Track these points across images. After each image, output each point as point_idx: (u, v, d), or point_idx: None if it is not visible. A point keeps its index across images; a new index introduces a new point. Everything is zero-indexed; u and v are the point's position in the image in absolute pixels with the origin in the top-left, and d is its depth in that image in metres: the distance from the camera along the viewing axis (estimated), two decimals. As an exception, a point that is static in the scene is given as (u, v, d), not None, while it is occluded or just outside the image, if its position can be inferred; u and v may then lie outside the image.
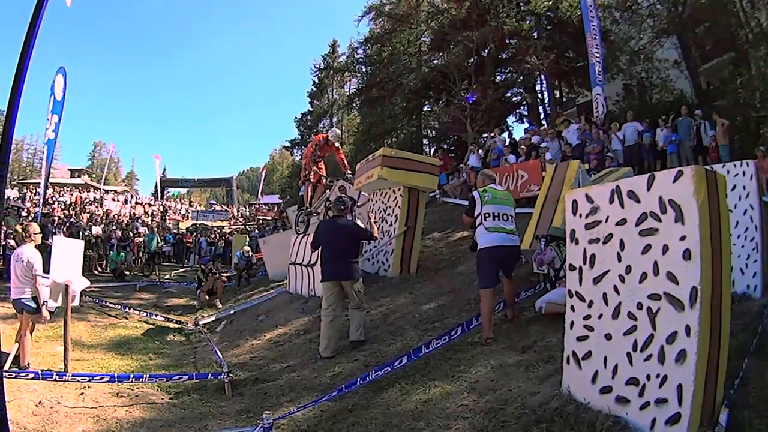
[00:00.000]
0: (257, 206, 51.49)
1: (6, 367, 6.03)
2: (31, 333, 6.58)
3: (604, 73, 15.72)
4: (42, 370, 5.67)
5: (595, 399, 3.77)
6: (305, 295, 9.74)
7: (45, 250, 7.40)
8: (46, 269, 6.86)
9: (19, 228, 6.85)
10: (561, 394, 4.06)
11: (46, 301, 6.59)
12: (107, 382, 5.84)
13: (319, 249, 7.26)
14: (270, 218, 39.96)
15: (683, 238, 3.26)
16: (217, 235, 29.41)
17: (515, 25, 20.33)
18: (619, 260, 3.66)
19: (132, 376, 5.93)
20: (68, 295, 6.96)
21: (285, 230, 24.94)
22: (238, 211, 53.12)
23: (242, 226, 36.95)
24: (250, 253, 15.96)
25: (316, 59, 39.17)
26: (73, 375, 5.67)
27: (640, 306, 3.50)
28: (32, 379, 5.50)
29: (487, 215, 6.05)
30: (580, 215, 4.02)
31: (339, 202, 7.26)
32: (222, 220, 41.79)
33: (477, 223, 6.14)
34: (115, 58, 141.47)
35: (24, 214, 23.17)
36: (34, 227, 6.81)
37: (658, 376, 3.36)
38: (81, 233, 19.90)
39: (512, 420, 4.05)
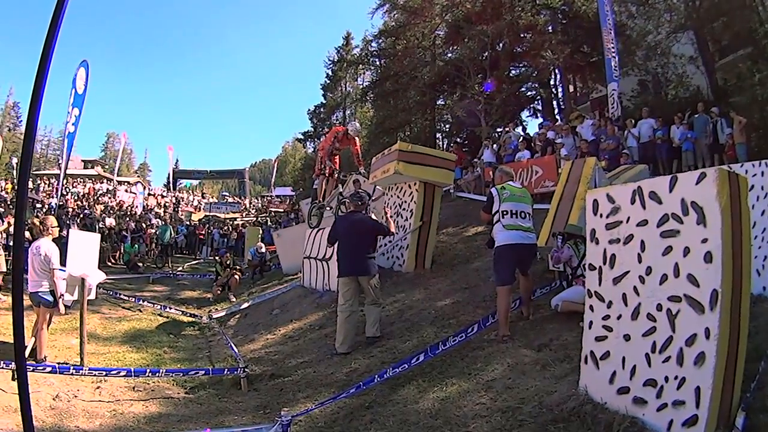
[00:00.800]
0: (270, 198, 51.59)
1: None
2: (47, 326, 6.63)
3: (620, 68, 15.55)
4: (59, 364, 5.74)
5: (613, 399, 3.78)
6: (320, 290, 9.77)
7: (60, 242, 7.45)
8: (62, 262, 6.92)
9: (36, 221, 6.89)
10: (578, 394, 4.06)
11: (63, 295, 6.64)
12: (123, 376, 5.88)
13: (336, 244, 7.25)
14: (282, 210, 40.05)
15: (705, 240, 3.25)
16: (230, 227, 29.47)
17: (530, 19, 20.10)
18: (640, 261, 3.66)
19: (148, 370, 5.96)
20: (84, 288, 7.01)
21: (298, 223, 25.09)
22: (250, 203, 53.24)
23: (255, 218, 37.00)
24: (264, 249, 16.00)
25: (329, 51, 39.14)
26: (89, 369, 5.73)
27: (659, 307, 3.50)
28: (49, 372, 5.57)
29: (504, 212, 6.05)
30: (601, 215, 4.01)
31: (356, 197, 7.27)
32: (234, 212, 41.89)
33: (494, 220, 6.15)
34: (130, 52, 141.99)
35: (38, 206, 23.35)
36: (52, 220, 6.84)
37: (676, 378, 3.37)
38: (95, 225, 20.04)
39: (529, 419, 4.07)
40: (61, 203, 16.60)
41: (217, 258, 13.69)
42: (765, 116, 11.94)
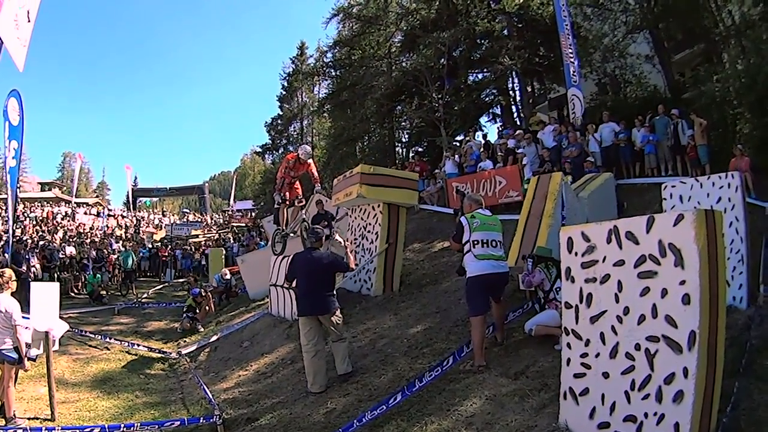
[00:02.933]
0: (230, 212, 51.09)
1: None
2: (14, 384, 6.36)
3: (579, 74, 15.73)
4: (31, 428, 5.49)
5: (594, 435, 3.76)
6: (288, 318, 9.57)
7: (22, 285, 7.19)
8: (25, 307, 6.67)
9: None
10: (559, 429, 4.07)
11: (29, 354, 6.39)
12: None
13: (295, 281, 7.04)
14: (244, 225, 39.64)
15: (683, 282, 3.27)
16: (192, 248, 29.05)
17: (486, 26, 20.20)
18: (617, 301, 3.67)
19: (123, 426, 5.74)
20: (49, 340, 6.79)
21: (261, 239, 24.79)
22: (211, 219, 52.62)
23: (216, 235, 36.48)
24: (228, 276, 15.71)
25: (285, 62, 38.86)
26: (62, 428, 5.49)
27: (638, 347, 3.52)
28: None
29: (475, 242, 6.00)
30: (576, 253, 4.01)
31: (312, 234, 7.01)
32: (196, 230, 41.29)
33: (465, 249, 6.08)
34: (82, 69, 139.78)
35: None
36: (10, 274, 6.52)
37: (655, 414, 3.40)
38: (55, 255, 19.50)
39: (511, 459, 4.03)
40: (16, 238, 16.03)
41: (193, 298, 13.18)
42: (724, 116, 12.20)
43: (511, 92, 24.29)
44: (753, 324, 5.47)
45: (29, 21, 9.04)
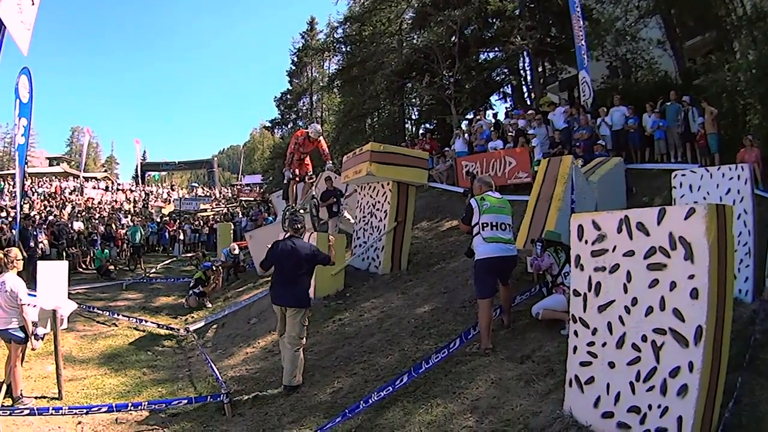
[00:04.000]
0: (239, 187, 51.13)
1: (0, 401, 5.94)
2: (21, 363, 6.41)
3: (589, 56, 15.55)
4: (37, 405, 5.56)
5: (597, 423, 3.82)
6: (297, 295, 9.66)
7: (29, 262, 7.20)
8: (32, 284, 6.70)
9: None
10: (563, 416, 4.09)
11: (36, 333, 6.44)
12: (105, 412, 5.72)
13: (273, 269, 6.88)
14: (253, 199, 39.71)
15: (692, 276, 3.27)
16: (201, 222, 29.13)
17: (498, 5, 20.00)
18: (626, 291, 3.67)
19: (130, 404, 5.79)
20: (57, 319, 6.83)
21: (269, 212, 24.81)
22: (220, 193, 52.71)
23: (225, 209, 36.57)
24: (237, 251, 15.72)
25: (294, 38, 38.61)
26: (69, 408, 5.55)
27: (644, 338, 3.54)
28: (27, 415, 5.40)
29: (485, 225, 6.00)
30: (586, 241, 4.00)
31: (293, 221, 6.87)
32: (205, 204, 41.36)
33: (474, 232, 6.09)
34: (91, 43, 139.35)
35: (3, 215, 22.73)
36: (15, 253, 6.52)
37: (659, 406, 3.42)
38: (63, 231, 19.59)
39: (516, 444, 4.07)
40: (24, 215, 16.09)
41: (204, 271, 13.20)
42: (735, 106, 12.07)
43: (521, 72, 24.08)
44: (757, 318, 5.48)
45: (33, 4, 8.98)
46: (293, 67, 37.43)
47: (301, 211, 11.10)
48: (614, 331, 3.74)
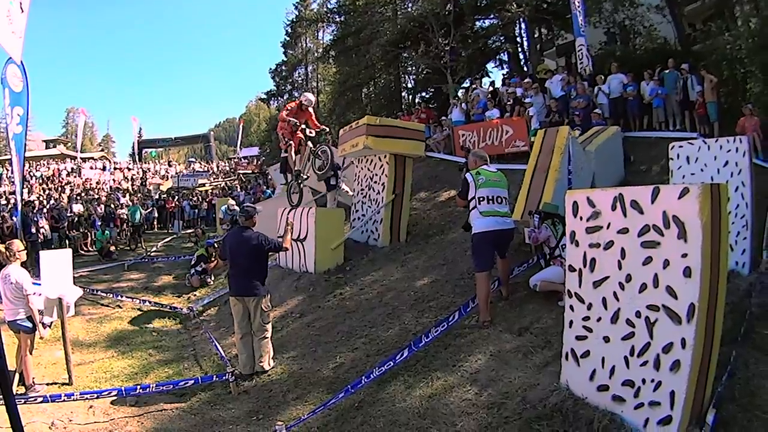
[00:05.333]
0: (237, 160, 50.92)
1: (14, 389, 6.02)
2: (31, 351, 6.50)
3: (586, 23, 15.40)
4: (51, 395, 5.66)
5: (593, 395, 3.91)
6: (297, 270, 9.73)
7: (32, 248, 7.22)
8: (36, 271, 6.75)
9: (2, 248, 6.61)
10: (560, 389, 4.19)
11: (43, 321, 6.51)
12: (115, 395, 5.85)
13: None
14: (251, 171, 39.59)
15: (685, 255, 3.32)
16: (200, 198, 29.15)
17: (494, -29, 19.80)
18: (620, 268, 3.72)
19: (139, 387, 5.89)
20: (63, 307, 6.89)
21: (267, 186, 24.77)
22: (218, 167, 52.50)
23: (223, 184, 36.50)
24: (235, 207, 15.73)
25: (288, 9, 38.11)
26: (81, 393, 5.67)
27: (638, 314, 3.60)
28: (41, 402, 5.51)
29: (481, 199, 6.06)
30: (581, 218, 4.04)
31: (244, 212, 6.85)
32: (203, 179, 41.24)
33: (471, 206, 6.15)
34: (82, 20, 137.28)
35: (3, 202, 22.73)
36: (17, 245, 6.56)
37: (652, 381, 3.51)
38: (63, 214, 19.60)
39: (514, 416, 4.19)
40: (24, 201, 16.05)
41: (207, 248, 13.22)
42: (735, 74, 12.03)
43: (518, 39, 23.83)
44: (754, 291, 5.55)
45: (23, 11, 8.85)
46: (287, 39, 37.08)
47: (304, 177, 10.94)
48: (609, 306, 3.80)
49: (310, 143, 10.43)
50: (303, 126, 10.40)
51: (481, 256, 6.09)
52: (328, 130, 10.99)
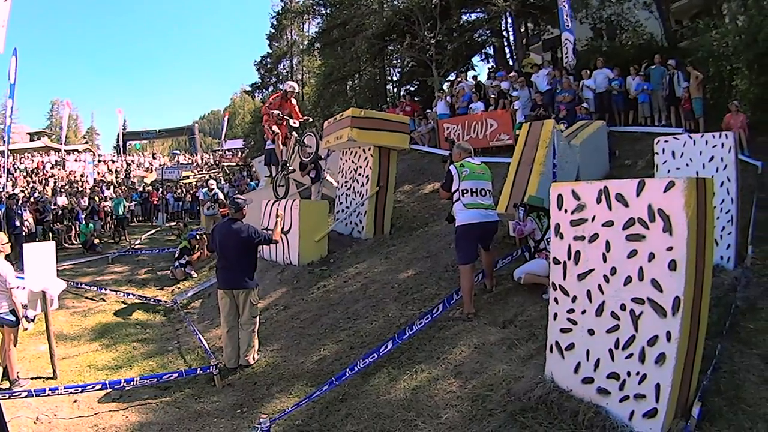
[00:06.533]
0: (221, 152, 50.69)
1: None
2: (15, 344, 6.40)
3: (572, 16, 15.43)
4: (35, 389, 5.58)
5: (578, 388, 3.91)
6: (281, 263, 9.68)
7: (16, 241, 7.11)
8: (20, 264, 6.63)
9: None
10: (544, 381, 4.18)
11: (27, 315, 6.42)
12: (99, 389, 5.76)
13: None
14: (235, 164, 39.41)
15: (670, 248, 3.31)
16: (184, 190, 28.96)
17: (480, -36, 19.74)
18: (605, 261, 3.72)
19: (123, 381, 5.80)
20: (47, 300, 6.78)
21: (251, 178, 24.63)
22: (202, 159, 52.21)
23: (207, 176, 36.27)
24: (215, 188, 15.67)
25: (274, 1, 37.85)
26: (65, 387, 5.58)
27: (623, 307, 3.59)
28: (26, 397, 5.44)
29: (465, 191, 6.04)
30: (566, 210, 4.03)
31: (233, 203, 6.81)
32: (187, 171, 40.96)
33: (454, 198, 6.14)
34: (67, 11, 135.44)
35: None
36: (1, 238, 6.46)
37: (638, 374, 3.51)
38: (47, 207, 19.36)
39: (498, 408, 4.18)
40: (8, 194, 15.84)
41: (189, 239, 13.13)
42: (721, 71, 12.12)
43: (504, 33, 23.82)
44: (739, 286, 5.58)
45: (5, 1, 8.68)
46: (273, 31, 36.74)
47: (291, 168, 10.88)
48: (593, 299, 3.79)
49: (294, 134, 10.36)
50: (287, 118, 10.32)
51: (464, 248, 6.08)
52: (311, 120, 10.91)
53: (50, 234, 18.24)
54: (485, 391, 4.48)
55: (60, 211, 20.06)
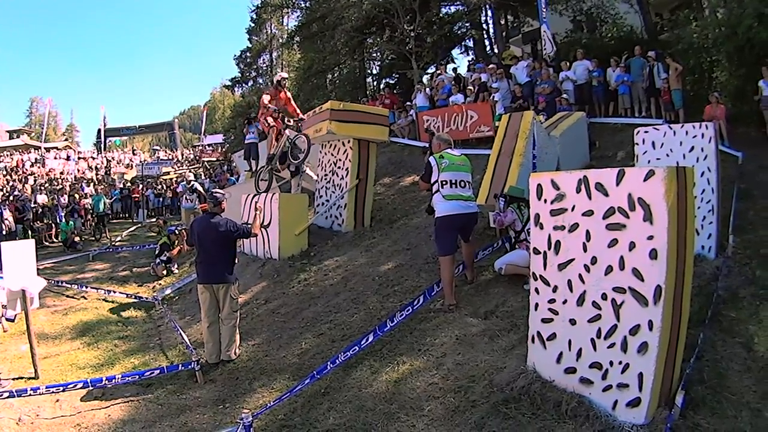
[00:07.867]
0: (201, 147, 50.26)
1: None
2: None
3: (549, 10, 15.47)
4: (17, 390, 5.48)
5: (560, 378, 3.91)
6: (261, 257, 9.58)
7: None
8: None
9: None
10: (527, 371, 4.17)
11: (6, 315, 6.30)
12: (81, 388, 5.68)
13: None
14: (215, 159, 39.10)
15: (651, 237, 3.31)
16: (164, 186, 28.72)
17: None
18: (585, 250, 3.71)
19: (104, 379, 5.72)
20: (26, 299, 6.64)
21: (231, 173, 24.46)
22: (182, 155, 51.76)
23: (187, 171, 35.94)
24: (194, 181, 15.57)
25: (252, -5, 37.55)
26: (47, 387, 5.49)
27: (604, 297, 3.59)
28: (7, 397, 5.34)
29: (444, 182, 6.01)
30: (545, 200, 4.02)
31: (212, 198, 6.74)
32: (167, 168, 40.56)
33: (434, 189, 6.10)
34: (44, 7, 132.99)
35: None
36: None
37: (620, 363, 3.51)
38: (27, 206, 19.13)
39: (481, 400, 4.17)
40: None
41: (168, 236, 13.01)
42: (701, 63, 12.23)
43: (484, 25, 23.83)
44: (720, 275, 5.61)
45: None
46: (252, 25, 36.68)
47: (278, 165, 10.79)
48: (574, 288, 3.78)
49: (288, 131, 10.28)
50: (282, 113, 10.28)
51: (444, 240, 6.05)
52: (305, 118, 10.83)
53: (30, 232, 18.12)
54: (467, 382, 4.46)
55: (40, 210, 19.86)
